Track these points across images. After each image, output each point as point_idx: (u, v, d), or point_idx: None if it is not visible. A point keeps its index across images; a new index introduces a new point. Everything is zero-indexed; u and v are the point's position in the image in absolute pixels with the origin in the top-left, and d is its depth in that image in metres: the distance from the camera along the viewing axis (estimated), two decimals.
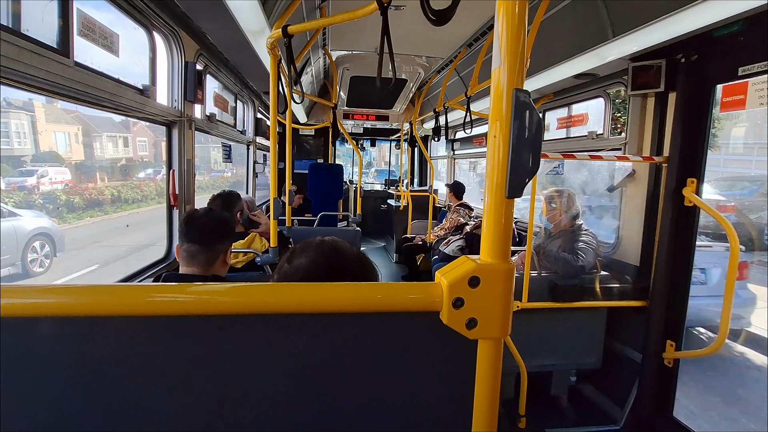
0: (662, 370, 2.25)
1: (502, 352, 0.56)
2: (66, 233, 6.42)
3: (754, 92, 1.90)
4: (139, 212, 10.71)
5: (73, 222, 8.73)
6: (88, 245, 7.85)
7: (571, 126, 3.36)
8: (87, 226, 8.86)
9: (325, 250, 0.83)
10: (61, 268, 5.84)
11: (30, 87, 1.35)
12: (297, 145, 7.02)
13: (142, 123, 3.30)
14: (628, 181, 2.57)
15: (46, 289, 0.52)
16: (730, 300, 1.90)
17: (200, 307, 0.53)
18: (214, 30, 2.43)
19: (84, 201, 9.33)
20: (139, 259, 5.46)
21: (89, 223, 9.08)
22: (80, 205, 9.09)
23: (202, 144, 11.83)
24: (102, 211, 9.81)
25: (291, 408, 0.56)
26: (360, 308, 0.55)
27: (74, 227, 8.55)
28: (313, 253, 0.83)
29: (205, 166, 15.67)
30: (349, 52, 4.19)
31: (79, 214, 8.95)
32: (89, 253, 7.37)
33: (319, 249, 0.83)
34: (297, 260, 0.83)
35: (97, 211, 9.62)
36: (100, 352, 0.52)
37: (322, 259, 0.81)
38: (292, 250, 0.87)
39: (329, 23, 1.99)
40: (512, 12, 0.50)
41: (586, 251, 2.56)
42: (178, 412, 0.54)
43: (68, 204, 8.88)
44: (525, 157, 0.51)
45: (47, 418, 0.52)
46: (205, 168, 15.67)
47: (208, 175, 15.67)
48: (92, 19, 1.60)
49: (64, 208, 8.73)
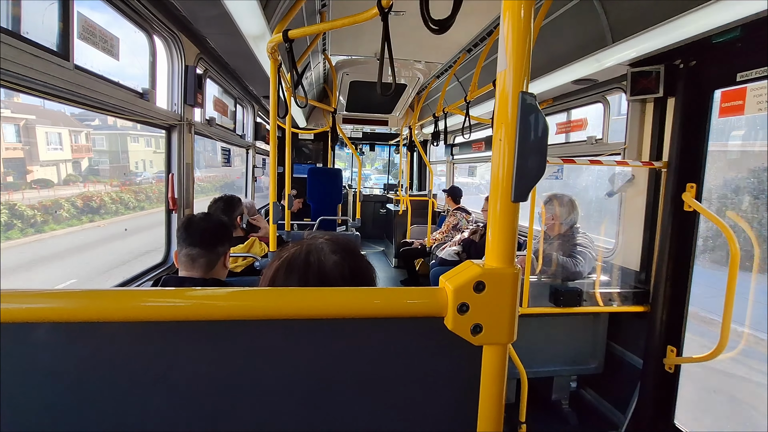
0: (663, 376, 2.24)
1: (507, 357, 0.55)
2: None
3: (752, 98, 1.91)
4: None
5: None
6: None
7: (570, 131, 3.38)
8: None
9: (309, 279, 0.73)
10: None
11: (29, 90, 1.34)
12: (296, 150, 7.03)
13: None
14: (627, 186, 2.57)
15: (41, 293, 0.51)
16: (731, 304, 1.90)
17: (200, 312, 0.52)
18: (214, 34, 2.44)
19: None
20: None
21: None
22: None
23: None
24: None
25: (293, 415, 0.55)
26: (363, 313, 0.54)
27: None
28: (296, 282, 0.73)
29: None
30: (348, 57, 4.21)
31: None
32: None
33: (302, 278, 0.73)
34: (278, 286, 0.73)
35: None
36: (97, 358, 0.51)
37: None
38: (275, 271, 0.76)
39: (330, 28, 1.99)
40: (518, 14, 0.50)
41: (583, 254, 2.56)
42: (176, 418, 0.53)
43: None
44: (531, 161, 0.51)
45: (44, 425, 0.51)
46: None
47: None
48: (93, 22, 1.60)
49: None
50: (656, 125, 2.35)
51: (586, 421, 2.55)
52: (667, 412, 2.27)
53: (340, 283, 0.73)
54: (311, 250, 0.76)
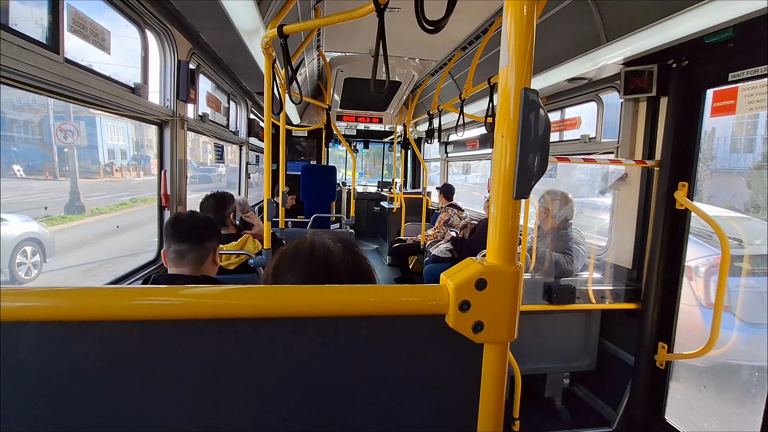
0: (655, 372, 2.27)
1: (507, 355, 0.55)
2: None
3: (743, 98, 1.93)
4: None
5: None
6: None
7: (564, 129, 3.40)
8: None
9: (314, 269, 0.73)
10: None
11: (17, 83, 1.31)
12: (290, 147, 6.98)
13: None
14: (620, 185, 2.60)
15: (29, 291, 0.49)
16: (721, 301, 1.93)
17: (194, 310, 0.51)
18: (207, 29, 2.41)
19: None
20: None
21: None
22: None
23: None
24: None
25: (290, 413, 0.55)
26: (363, 311, 0.53)
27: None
28: (302, 272, 0.74)
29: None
30: (343, 53, 4.19)
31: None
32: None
33: (307, 267, 0.73)
34: (283, 277, 0.74)
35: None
36: (87, 357, 0.50)
37: (310, 282, 0.72)
38: (279, 260, 0.77)
39: (325, 24, 1.98)
40: (521, 10, 0.49)
41: (576, 251, 2.58)
42: (171, 419, 0.52)
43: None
44: (532, 158, 0.51)
45: (35, 426, 0.50)
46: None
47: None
48: (83, 15, 1.57)
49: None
50: (649, 124, 2.37)
51: (578, 417, 2.58)
52: (658, 409, 2.30)
53: (344, 275, 0.74)
54: (315, 242, 0.77)
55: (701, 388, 2.62)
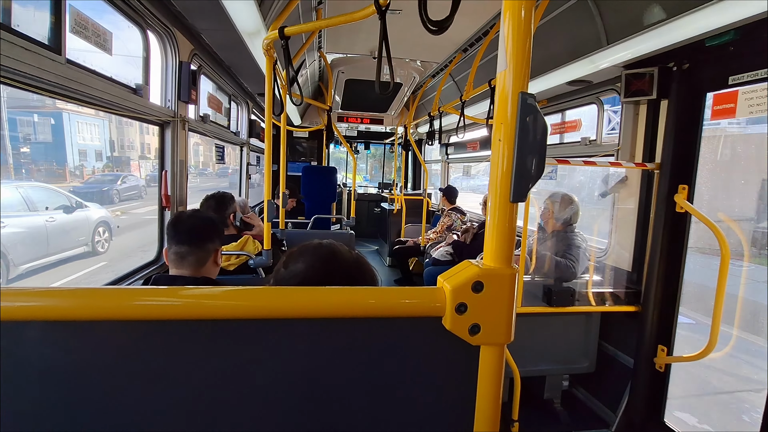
0: (654, 375, 2.26)
1: (504, 357, 0.56)
2: None
3: (743, 101, 1.94)
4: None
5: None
6: None
7: (564, 132, 3.40)
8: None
9: (322, 255, 0.82)
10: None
11: (20, 84, 1.32)
12: (291, 148, 6.99)
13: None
14: (620, 187, 2.59)
15: (30, 292, 0.50)
16: (720, 305, 1.93)
17: (194, 311, 0.51)
18: (209, 30, 2.41)
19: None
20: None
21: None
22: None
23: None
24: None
25: (289, 413, 0.55)
26: (361, 313, 0.54)
27: None
28: (310, 257, 0.81)
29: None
30: (344, 55, 4.19)
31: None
32: None
33: (316, 253, 0.82)
34: (294, 265, 0.81)
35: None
36: (89, 357, 0.50)
37: (319, 264, 0.80)
38: (289, 253, 0.85)
39: (326, 25, 1.98)
40: (518, 14, 0.50)
41: (577, 255, 2.58)
42: (172, 417, 0.53)
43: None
44: (530, 161, 0.51)
45: (37, 424, 0.50)
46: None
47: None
48: (85, 16, 1.58)
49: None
50: (649, 127, 2.37)
51: (577, 419, 2.57)
52: (657, 411, 2.29)
53: (350, 261, 0.82)
54: (323, 240, 0.86)
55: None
